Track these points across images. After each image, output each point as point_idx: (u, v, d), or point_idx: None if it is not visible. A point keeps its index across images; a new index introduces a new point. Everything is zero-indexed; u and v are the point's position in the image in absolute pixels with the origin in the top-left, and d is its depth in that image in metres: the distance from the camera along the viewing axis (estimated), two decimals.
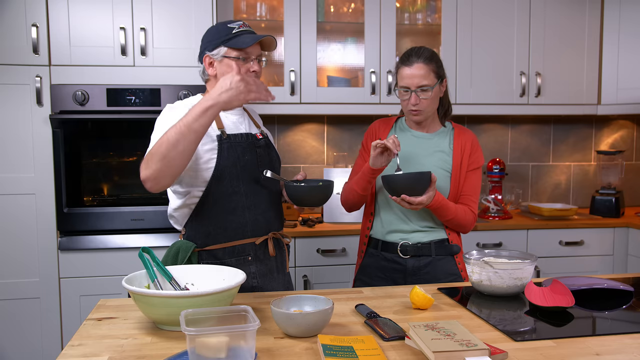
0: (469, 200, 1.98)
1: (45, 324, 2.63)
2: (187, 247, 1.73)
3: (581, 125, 3.67)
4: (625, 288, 1.64)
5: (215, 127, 1.74)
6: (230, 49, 1.72)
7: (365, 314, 1.43)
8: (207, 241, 1.75)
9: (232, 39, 1.71)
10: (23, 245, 2.60)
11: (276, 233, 1.84)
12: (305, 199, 1.77)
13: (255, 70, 1.74)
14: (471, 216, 1.97)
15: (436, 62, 1.93)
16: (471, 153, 2.00)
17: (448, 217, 1.92)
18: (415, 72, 1.89)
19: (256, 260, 1.78)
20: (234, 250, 1.75)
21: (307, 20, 2.99)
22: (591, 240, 3.08)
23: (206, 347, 1.07)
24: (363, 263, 2.06)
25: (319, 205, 1.80)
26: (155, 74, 2.66)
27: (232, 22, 1.75)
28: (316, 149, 3.39)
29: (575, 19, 3.24)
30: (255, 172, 1.77)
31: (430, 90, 1.90)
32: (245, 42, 1.70)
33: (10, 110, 2.57)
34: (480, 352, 1.10)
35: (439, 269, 1.96)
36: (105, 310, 1.51)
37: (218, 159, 1.71)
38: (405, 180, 1.79)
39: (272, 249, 1.80)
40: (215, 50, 1.74)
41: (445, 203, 1.89)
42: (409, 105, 1.92)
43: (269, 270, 1.82)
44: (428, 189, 1.81)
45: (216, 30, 1.75)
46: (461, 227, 1.98)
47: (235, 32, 1.72)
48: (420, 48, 1.94)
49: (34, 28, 2.53)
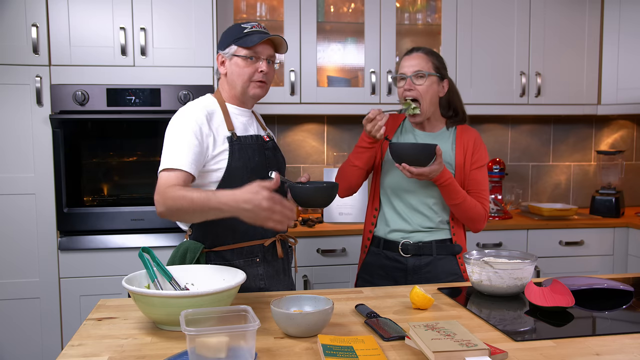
0: (478, 196, 1.96)
1: (45, 324, 2.63)
2: (195, 247, 1.72)
3: (581, 125, 3.67)
4: (625, 288, 1.64)
5: (226, 129, 1.74)
6: (239, 48, 1.72)
7: (365, 314, 1.43)
8: (216, 242, 1.74)
9: (242, 38, 1.72)
10: (23, 246, 2.60)
11: (283, 235, 1.85)
12: (310, 200, 1.75)
13: (264, 70, 1.74)
14: (482, 210, 1.94)
15: (437, 58, 1.96)
16: (474, 151, 1.99)
17: (457, 200, 1.89)
18: (413, 61, 1.94)
19: (264, 261, 1.78)
20: (243, 251, 1.75)
21: (307, 20, 2.99)
22: (591, 240, 3.08)
23: (206, 347, 1.07)
24: (365, 261, 2.07)
25: (324, 206, 1.78)
26: (155, 74, 2.66)
27: (247, 23, 1.76)
28: (316, 149, 3.39)
29: (575, 19, 3.24)
30: (264, 173, 1.77)
31: (425, 77, 1.91)
32: (252, 41, 1.70)
33: (10, 110, 2.57)
34: (480, 352, 1.10)
35: (440, 269, 1.96)
36: (105, 310, 1.51)
37: (229, 160, 1.70)
38: (409, 149, 1.81)
39: (280, 251, 1.80)
40: (227, 49, 1.75)
41: (454, 184, 1.87)
42: (404, 92, 1.94)
43: (275, 271, 1.82)
44: (433, 163, 1.81)
45: (230, 30, 1.77)
46: (471, 220, 1.95)
47: (247, 32, 1.73)
48: (424, 47, 2.00)
49: (34, 28, 2.53)
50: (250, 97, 1.79)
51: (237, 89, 1.77)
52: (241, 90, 1.77)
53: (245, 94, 1.77)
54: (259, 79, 1.75)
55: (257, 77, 1.75)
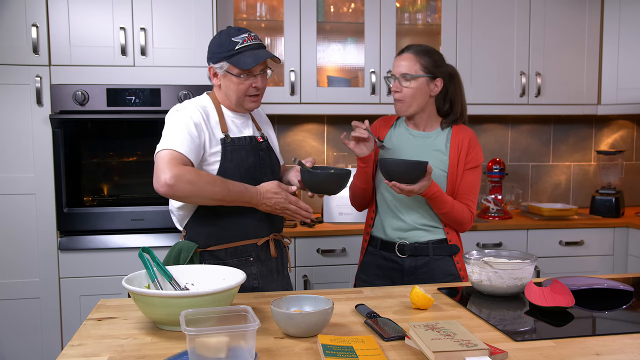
0: (466, 199, 1.97)
1: (45, 324, 2.63)
2: (189, 247, 1.73)
3: (581, 125, 3.67)
4: (625, 288, 1.64)
5: (220, 130, 1.75)
6: (232, 66, 1.71)
7: (365, 314, 1.43)
8: (209, 242, 1.76)
9: (235, 56, 1.70)
10: (23, 246, 2.60)
11: (277, 234, 1.85)
12: (323, 185, 1.75)
13: (258, 86, 1.75)
14: (468, 213, 1.96)
15: (429, 58, 1.93)
16: (468, 151, 1.98)
17: (444, 209, 1.91)
18: (401, 62, 1.94)
19: (258, 261, 1.79)
20: (236, 250, 1.76)
21: (307, 20, 2.99)
22: (591, 240, 3.08)
23: (206, 347, 1.07)
24: (363, 261, 2.08)
25: (335, 193, 1.77)
26: (155, 74, 2.66)
27: (237, 35, 1.72)
28: (316, 149, 3.39)
29: (575, 19, 3.24)
30: (258, 174, 1.78)
31: (411, 80, 1.91)
32: (247, 64, 1.69)
33: (10, 110, 2.57)
34: (480, 352, 1.10)
35: (436, 269, 1.96)
36: (105, 310, 1.51)
37: (222, 161, 1.72)
38: (400, 166, 1.80)
39: (273, 250, 1.81)
40: (218, 64, 1.73)
41: (441, 195, 1.88)
42: (393, 92, 1.96)
43: (269, 271, 1.83)
44: (422, 179, 1.81)
45: (220, 43, 1.73)
46: (458, 223, 1.96)
47: (238, 49, 1.70)
48: (419, 45, 1.97)
49: (34, 28, 2.53)
50: (245, 110, 1.81)
51: (231, 101, 1.79)
52: (236, 103, 1.79)
53: (239, 106, 1.79)
54: (254, 93, 1.76)
55: (252, 92, 1.76)
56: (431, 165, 1.86)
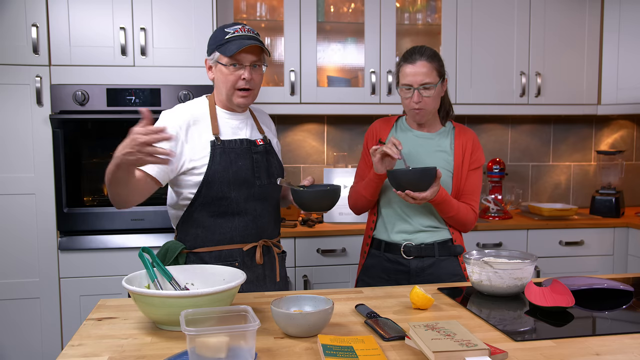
0: (470, 199, 1.98)
1: (45, 324, 2.63)
2: (175, 247, 1.73)
3: (581, 125, 3.67)
4: (625, 288, 1.64)
5: (210, 133, 1.74)
6: (221, 55, 1.70)
7: (365, 314, 1.43)
8: (196, 244, 1.75)
9: (223, 45, 1.69)
10: (23, 245, 2.60)
11: (267, 241, 1.82)
12: (312, 204, 1.73)
13: (246, 77, 1.71)
14: (472, 215, 1.97)
15: (438, 61, 1.93)
16: (472, 152, 1.99)
17: (450, 213, 1.91)
18: (418, 70, 1.87)
19: (243, 266, 1.76)
20: (221, 255, 1.75)
21: (307, 20, 2.99)
22: (591, 240, 3.08)
23: (206, 347, 1.07)
24: (366, 264, 2.06)
25: (326, 210, 1.76)
26: (155, 74, 2.66)
27: (230, 26, 1.72)
28: (316, 149, 3.39)
29: (575, 19, 3.24)
30: (251, 178, 1.76)
31: (433, 88, 1.89)
32: (230, 50, 1.67)
33: (10, 110, 2.57)
34: (480, 352, 1.10)
35: (442, 270, 1.96)
36: (105, 310, 1.51)
37: (209, 163, 1.71)
38: (411, 176, 1.79)
39: (259, 257, 1.77)
40: (211, 54, 1.74)
41: (449, 199, 1.89)
42: (411, 103, 1.90)
43: (256, 277, 1.79)
44: (432, 185, 1.81)
45: (214, 35, 1.75)
46: (462, 225, 1.97)
47: (228, 38, 1.69)
48: (422, 47, 1.93)
49: (34, 28, 2.53)
50: (236, 106, 1.78)
51: (222, 96, 1.77)
52: (226, 97, 1.76)
53: (230, 101, 1.77)
54: (242, 86, 1.72)
55: (240, 85, 1.72)
56: (437, 166, 1.85)
